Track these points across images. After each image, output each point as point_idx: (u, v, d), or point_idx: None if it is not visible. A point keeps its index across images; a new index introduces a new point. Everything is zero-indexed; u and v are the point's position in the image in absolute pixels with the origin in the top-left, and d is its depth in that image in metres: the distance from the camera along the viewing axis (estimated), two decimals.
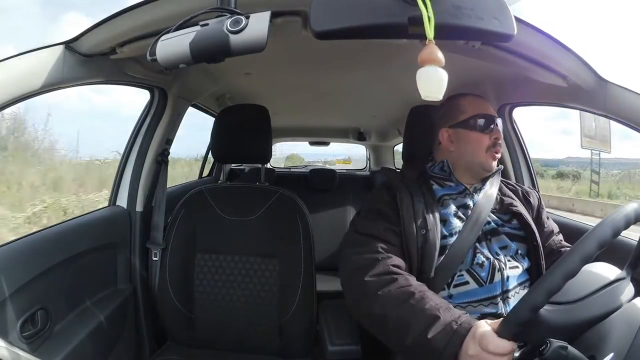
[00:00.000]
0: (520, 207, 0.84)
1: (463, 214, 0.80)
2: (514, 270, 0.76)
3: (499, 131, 0.83)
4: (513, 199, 0.86)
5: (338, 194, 2.25)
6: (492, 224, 0.80)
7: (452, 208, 0.80)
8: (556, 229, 0.89)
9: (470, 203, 0.81)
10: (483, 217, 0.79)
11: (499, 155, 0.83)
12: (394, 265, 0.70)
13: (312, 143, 3.12)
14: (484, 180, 0.84)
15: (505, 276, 0.74)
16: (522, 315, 0.48)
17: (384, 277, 0.68)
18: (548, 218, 0.90)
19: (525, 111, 0.86)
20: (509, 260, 0.76)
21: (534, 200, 0.89)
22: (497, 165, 0.85)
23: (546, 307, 0.48)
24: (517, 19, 0.50)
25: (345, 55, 1.12)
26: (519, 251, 0.79)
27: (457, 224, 0.78)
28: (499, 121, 0.84)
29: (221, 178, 2.29)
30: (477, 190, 0.84)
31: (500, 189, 0.87)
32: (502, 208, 0.83)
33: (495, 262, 0.75)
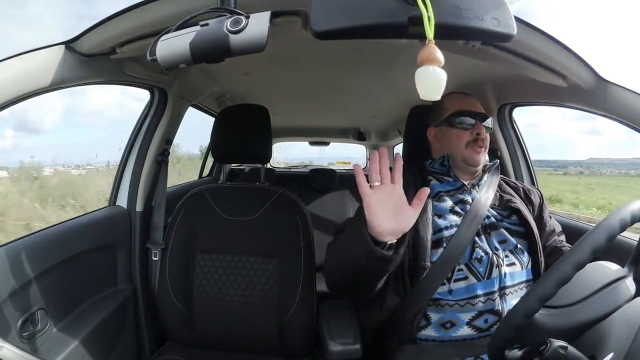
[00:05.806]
0: (520, 204, 0.84)
1: (461, 209, 0.81)
2: (512, 268, 0.76)
3: (481, 127, 0.83)
4: (513, 196, 0.87)
5: (338, 193, 2.24)
6: (492, 218, 0.81)
7: (449, 203, 0.81)
8: (558, 228, 0.89)
9: (468, 199, 0.82)
10: (481, 212, 0.79)
11: (482, 150, 0.83)
12: None
13: (312, 143, 3.12)
14: (480, 177, 0.85)
15: (503, 273, 0.74)
16: (515, 321, 0.48)
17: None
18: (550, 217, 0.90)
19: (548, 110, 0.86)
20: (506, 257, 0.77)
21: (535, 199, 0.90)
22: (490, 161, 0.86)
23: (542, 311, 0.48)
24: (517, 19, 0.50)
25: (345, 55, 1.12)
26: (519, 246, 0.79)
27: (453, 218, 0.79)
28: (488, 120, 0.85)
29: (221, 178, 2.29)
30: (475, 186, 0.84)
31: (500, 186, 0.88)
32: (502, 204, 0.84)
33: (494, 257, 0.76)
